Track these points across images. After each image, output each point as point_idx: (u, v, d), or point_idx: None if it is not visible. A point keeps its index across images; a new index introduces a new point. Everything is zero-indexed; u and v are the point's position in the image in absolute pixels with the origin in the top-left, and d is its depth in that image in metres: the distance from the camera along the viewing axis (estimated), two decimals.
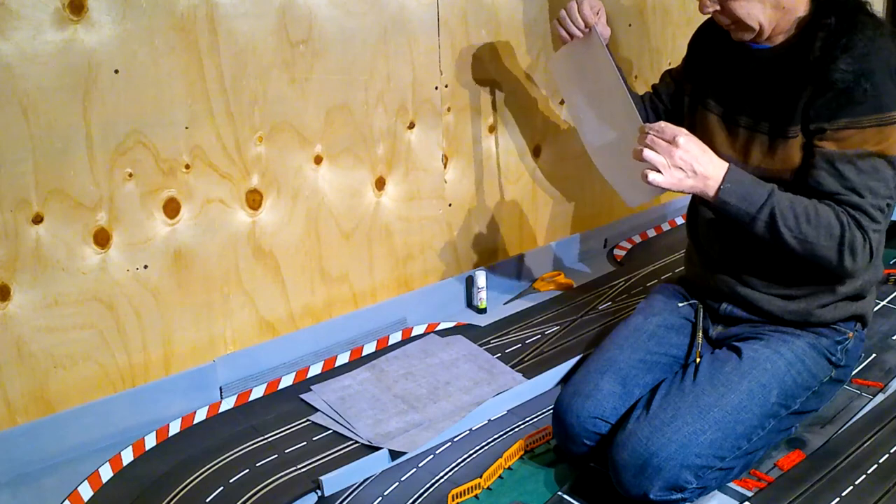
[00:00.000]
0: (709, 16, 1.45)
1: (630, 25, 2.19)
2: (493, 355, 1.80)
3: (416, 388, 1.68)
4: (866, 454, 1.45)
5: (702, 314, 1.58)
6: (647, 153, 1.35)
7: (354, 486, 1.43)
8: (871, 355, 1.75)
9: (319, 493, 1.41)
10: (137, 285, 1.57)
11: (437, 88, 1.86)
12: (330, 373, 1.76)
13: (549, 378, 1.70)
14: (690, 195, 1.63)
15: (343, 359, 1.81)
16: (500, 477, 1.47)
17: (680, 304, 1.61)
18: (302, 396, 1.67)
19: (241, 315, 1.72)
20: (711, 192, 1.35)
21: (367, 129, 1.78)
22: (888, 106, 1.32)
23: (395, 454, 1.48)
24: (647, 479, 1.30)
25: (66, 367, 1.53)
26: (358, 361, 1.80)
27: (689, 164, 1.34)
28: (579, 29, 1.60)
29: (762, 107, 1.44)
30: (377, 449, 1.48)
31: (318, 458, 1.49)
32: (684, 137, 1.34)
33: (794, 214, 1.33)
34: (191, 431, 1.59)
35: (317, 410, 1.63)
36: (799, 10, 1.38)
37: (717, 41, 1.52)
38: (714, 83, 1.53)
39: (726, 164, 1.36)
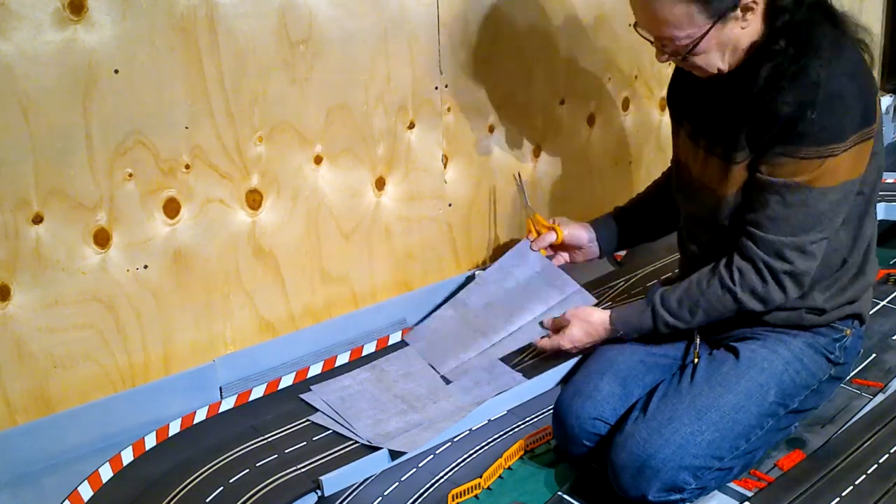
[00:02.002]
0: None
1: (630, 25, 2.19)
2: None
3: (415, 388, 1.68)
4: (866, 454, 1.45)
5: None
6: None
7: (354, 486, 1.43)
8: (871, 355, 1.75)
9: (319, 493, 1.41)
10: (137, 285, 1.57)
11: (437, 88, 1.86)
12: (330, 373, 1.76)
13: (549, 378, 1.70)
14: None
15: (343, 359, 1.80)
16: (500, 477, 1.47)
17: None
18: (302, 396, 1.67)
19: (241, 315, 1.72)
20: (613, 334, 1.55)
21: (367, 129, 1.78)
22: (831, 138, 1.29)
23: (394, 454, 1.48)
24: (645, 480, 1.31)
25: (66, 367, 1.53)
26: (358, 361, 1.80)
27: (582, 346, 1.61)
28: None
29: (715, 131, 1.45)
30: (377, 449, 1.48)
31: (318, 458, 1.49)
32: (566, 344, 1.61)
33: (687, 312, 1.46)
34: (191, 431, 1.59)
35: (317, 410, 1.63)
36: (756, 42, 1.34)
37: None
38: (684, 104, 1.56)
39: (606, 320, 1.55)
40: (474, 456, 1.50)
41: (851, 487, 1.38)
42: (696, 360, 1.47)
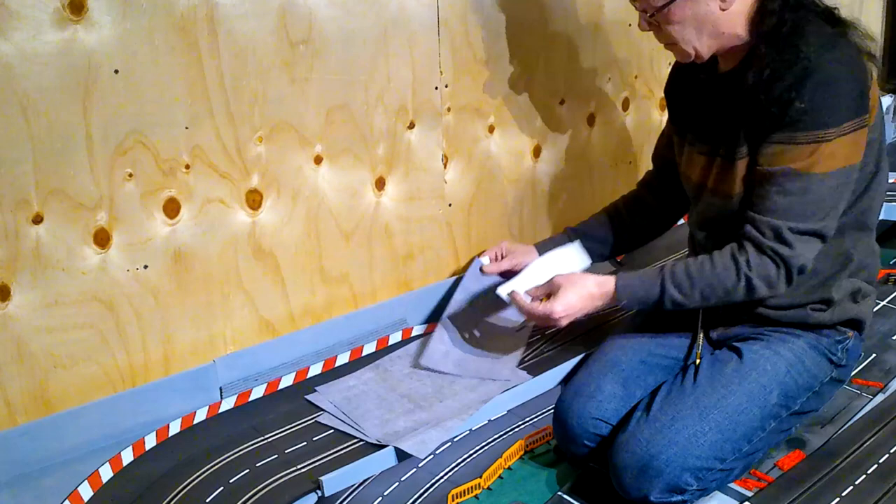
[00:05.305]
0: (676, 61, 1.48)
1: (630, 25, 2.19)
2: None
3: (421, 386, 1.68)
4: (866, 454, 1.45)
5: (701, 315, 1.58)
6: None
7: (354, 486, 1.43)
8: (871, 355, 1.75)
9: (319, 494, 1.41)
10: (137, 285, 1.57)
11: (437, 88, 1.86)
12: (330, 373, 1.76)
13: (551, 378, 1.70)
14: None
15: (343, 359, 1.81)
16: (500, 477, 1.47)
17: None
18: (307, 397, 1.67)
19: (241, 315, 1.72)
20: (613, 303, 1.47)
21: (367, 129, 1.78)
22: (825, 122, 1.29)
23: (402, 455, 1.47)
24: (647, 481, 1.30)
25: (66, 367, 1.53)
26: (358, 361, 1.80)
27: (579, 314, 1.48)
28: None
29: (715, 133, 1.46)
30: (378, 449, 1.48)
31: (318, 458, 1.49)
32: (559, 308, 1.45)
33: (698, 293, 1.40)
34: (191, 431, 1.59)
35: (322, 411, 1.63)
36: (741, 35, 1.37)
37: (683, 77, 1.55)
38: (684, 114, 1.56)
39: (604, 284, 1.45)
40: (474, 456, 1.50)
41: (851, 487, 1.38)
42: (698, 361, 1.47)
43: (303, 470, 1.46)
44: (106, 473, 1.47)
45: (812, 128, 1.30)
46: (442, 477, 1.45)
